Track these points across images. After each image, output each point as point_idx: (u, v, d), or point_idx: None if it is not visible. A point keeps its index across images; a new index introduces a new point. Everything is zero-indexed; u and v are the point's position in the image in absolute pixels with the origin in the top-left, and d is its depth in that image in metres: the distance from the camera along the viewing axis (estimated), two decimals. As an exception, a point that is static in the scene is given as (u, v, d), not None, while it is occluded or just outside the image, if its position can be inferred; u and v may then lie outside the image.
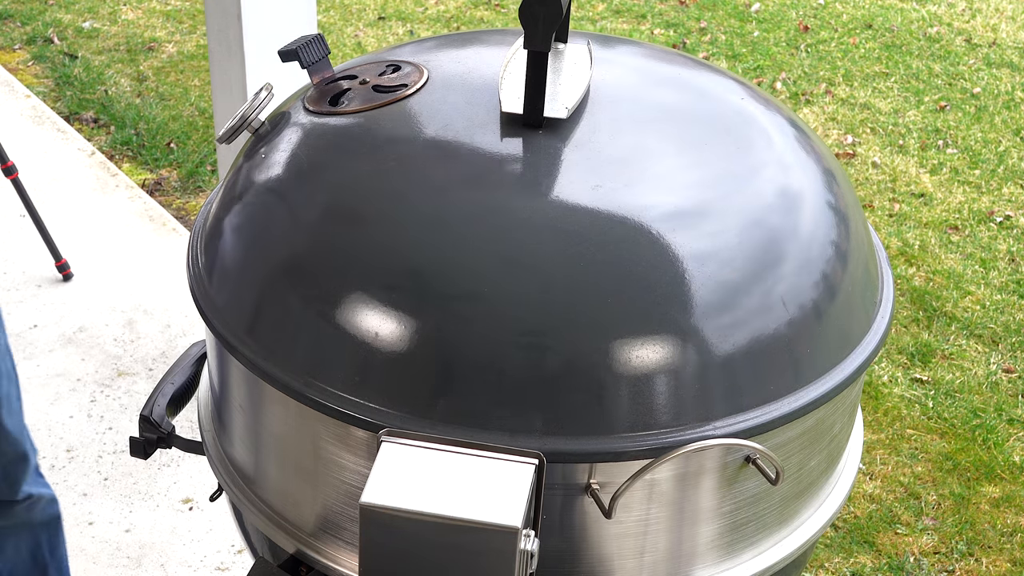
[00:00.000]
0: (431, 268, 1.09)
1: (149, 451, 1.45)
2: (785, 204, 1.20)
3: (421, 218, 1.12)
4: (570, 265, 1.07)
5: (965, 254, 4.09)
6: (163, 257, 3.74)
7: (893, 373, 3.45)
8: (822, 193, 1.24)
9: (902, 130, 4.95)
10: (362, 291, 1.09)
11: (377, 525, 1.00)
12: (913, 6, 6.23)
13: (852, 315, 1.20)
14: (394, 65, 1.32)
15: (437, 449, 1.04)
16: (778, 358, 1.11)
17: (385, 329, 1.07)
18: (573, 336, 1.05)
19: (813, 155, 1.28)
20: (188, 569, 2.63)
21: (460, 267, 1.08)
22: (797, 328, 1.12)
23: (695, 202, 1.16)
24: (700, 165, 1.20)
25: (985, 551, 2.84)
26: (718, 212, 1.15)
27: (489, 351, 1.04)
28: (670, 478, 1.10)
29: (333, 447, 1.14)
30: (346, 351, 1.09)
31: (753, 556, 1.22)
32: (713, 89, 1.35)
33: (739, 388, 1.09)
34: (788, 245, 1.16)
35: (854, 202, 1.28)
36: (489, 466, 1.02)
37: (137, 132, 4.61)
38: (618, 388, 1.05)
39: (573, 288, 1.07)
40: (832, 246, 1.20)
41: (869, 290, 1.25)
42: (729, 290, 1.10)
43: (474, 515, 0.98)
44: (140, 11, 5.72)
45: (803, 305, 1.14)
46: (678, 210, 1.14)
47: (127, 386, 3.16)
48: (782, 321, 1.11)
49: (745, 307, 1.10)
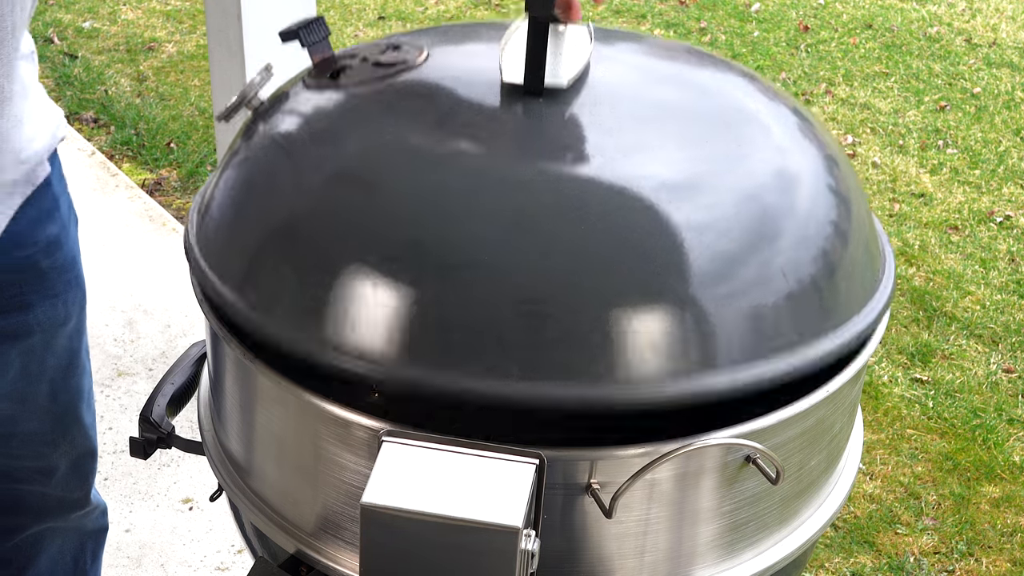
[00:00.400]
0: (430, 237, 1.09)
1: (149, 451, 1.45)
2: (783, 183, 1.19)
3: (419, 187, 1.12)
4: (571, 231, 1.07)
5: (965, 254, 4.09)
6: (163, 257, 3.74)
7: (893, 373, 3.45)
8: (825, 175, 1.24)
9: (902, 130, 4.95)
10: (360, 260, 1.08)
11: (378, 525, 1.00)
12: (913, 6, 6.23)
13: (852, 285, 1.20)
14: (394, 45, 1.32)
15: (438, 449, 1.04)
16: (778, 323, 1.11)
17: (385, 297, 1.06)
18: (574, 303, 1.04)
19: (817, 141, 1.28)
20: (188, 569, 2.63)
21: (459, 235, 1.08)
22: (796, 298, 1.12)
23: (692, 175, 1.15)
24: (701, 142, 1.20)
25: (985, 551, 2.84)
26: (714, 187, 1.15)
27: (488, 316, 1.04)
28: (671, 477, 1.10)
29: (333, 446, 1.14)
30: (346, 316, 1.08)
31: (754, 556, 1.22)
32: (719, 71, 1.35)
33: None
34: (786, 220, 1.16)
35: (858, 189, 1.28)
36: (490, 466, 1.02)
37: (137, 132, 4.61)
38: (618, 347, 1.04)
39: (575, 254, 1.06)
40: (833, 225, 1.20)
41: (870, 271, 1.24)
42: (727, 260, 1.09)
43: (475, 515, 0.98)
44: (140, 11, 5.72)
45: (802, 279, 1.13)
46: (675, 183, 1.14)
47: (127, 386, 3.16)
48: (781, 294, 1.11)
49: (743, 277, 1.10)
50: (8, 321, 1.64)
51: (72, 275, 1.72)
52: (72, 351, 1.78)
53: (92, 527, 2.01)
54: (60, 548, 1.96)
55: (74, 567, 2.01)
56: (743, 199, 1.14)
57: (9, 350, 1.66)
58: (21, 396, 1.72)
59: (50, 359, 1.73)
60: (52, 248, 1.66)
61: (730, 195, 1.14)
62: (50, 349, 1.72)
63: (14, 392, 1.70)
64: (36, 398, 1.74)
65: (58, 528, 1.93)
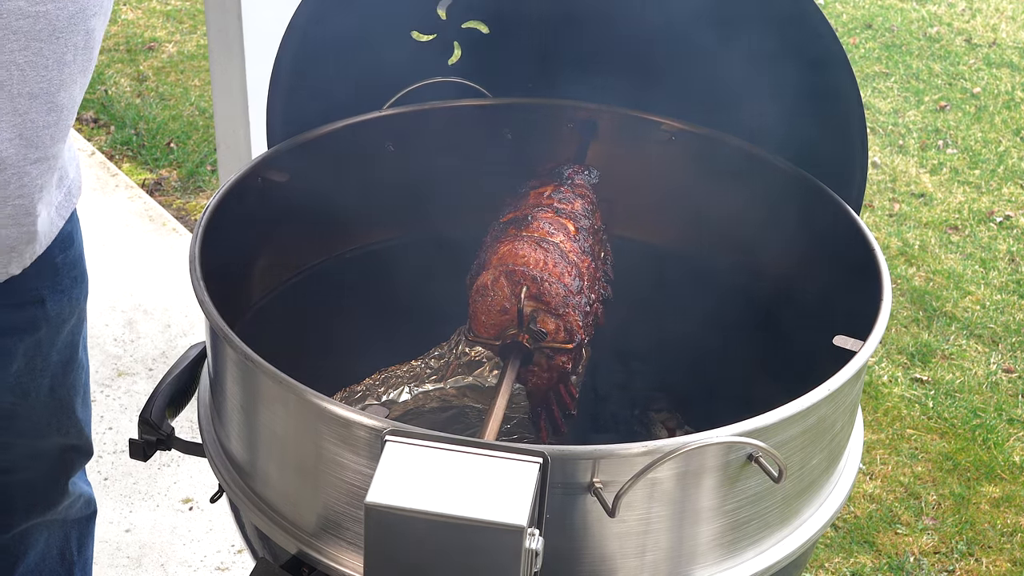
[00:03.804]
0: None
1: (149, 453, 1.45)
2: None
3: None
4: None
5: (965, 254, 4.09)
6: (163, 257, 3.73)
7: (893, 373, 3.45)
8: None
9: (902, 130, 4.95)
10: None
11: (382, 525, 1.00)
12: (913, 6, 6.23)
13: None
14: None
15: (441, 448, 1.04)
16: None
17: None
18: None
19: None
20: (188, 569, 2.63)
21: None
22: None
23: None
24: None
25: (985, 551, 2.84)
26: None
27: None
28: (673, 476, 1.10)
29: (335, 446, 1.14)
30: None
31: (755, 555, 1.22)
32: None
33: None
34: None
35: None
36: (494, 465, 1.02)
37: (137, 132, 4.61)
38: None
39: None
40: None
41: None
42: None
43: (480, 514, 0.97)
44: (140, 11, 5.72)
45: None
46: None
47: (127, 386, 3.16)
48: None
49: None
50: (23, 315, 1.66)
51: (79, 270, 1.75)
52: (73, 346, 1.79)
53: (76, 516, 2.01)
54: (47, 542, 1.97)
55: (60, 560, 2.01)
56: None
57: (17, 344, 1.67)
58: (24, 390, 1.73)
59: (53, 355, 1.75)
60: (66, 243, 1.69)
61: None
62: (54, 345, 1.74)
63: (17, 386, 1.71)
64: (38, 392, 1.75)
65: (43, 523, 1.94)
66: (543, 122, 1.84)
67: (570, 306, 1.42)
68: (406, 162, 1.79)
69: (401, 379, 1.94)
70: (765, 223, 1.65)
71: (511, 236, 1.49)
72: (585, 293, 1.47)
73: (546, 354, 1.45)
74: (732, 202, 1.71)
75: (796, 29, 1.49)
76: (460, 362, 1.97)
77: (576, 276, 1.46)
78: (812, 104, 1.53)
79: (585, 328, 1.46)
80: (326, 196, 1.69)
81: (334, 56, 1.66)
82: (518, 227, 1.51)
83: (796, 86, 1.52)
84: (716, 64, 1.63)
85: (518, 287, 1.41)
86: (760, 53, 1.53)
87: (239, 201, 1.53)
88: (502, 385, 1.35)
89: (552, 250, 1.45)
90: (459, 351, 1.98)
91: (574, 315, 1.42)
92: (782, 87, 1.53)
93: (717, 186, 1.74)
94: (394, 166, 1.79)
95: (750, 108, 1.65)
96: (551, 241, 1.47)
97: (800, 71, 1.50)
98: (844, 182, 1.57)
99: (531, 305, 1.42)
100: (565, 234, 1.51)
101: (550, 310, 1.42)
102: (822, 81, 1.50)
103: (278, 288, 1.73)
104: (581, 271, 1.48)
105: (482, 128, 1.82)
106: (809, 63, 1.49)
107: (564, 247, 1.48)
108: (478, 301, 1.43)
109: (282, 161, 1.63)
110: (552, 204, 1.58)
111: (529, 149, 1.82)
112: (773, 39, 1.51)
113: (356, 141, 1.73)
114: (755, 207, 1.68)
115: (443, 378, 1.96)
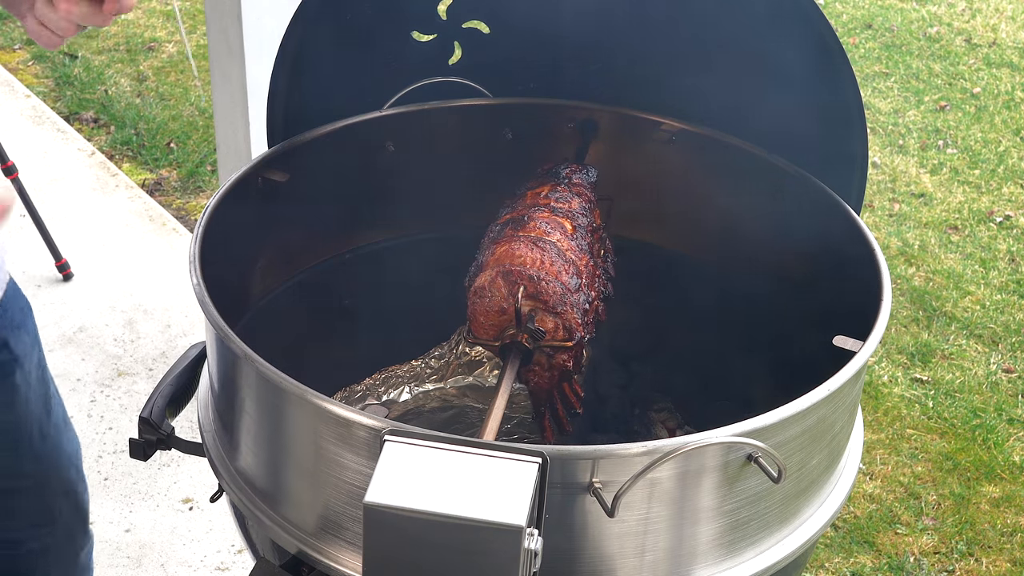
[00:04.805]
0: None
1: (149, 453, 1.45)
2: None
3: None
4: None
5: (965, 254, 4.09)
6: (163, 257, 3.73)
7: (893, 373, 3.45)
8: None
9: (902, 130, 4.95)
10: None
11: (381, 525, 1.00)
12: (913, 6, 6.23)
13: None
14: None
15: (440, 448, 1.04)
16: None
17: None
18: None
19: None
20: (188, 569, 2.63)
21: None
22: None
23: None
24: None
25: (985, 551, 2.84)
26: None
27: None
28: (672, 476, 1.10)
29: (335, 446, 1.14)
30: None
31: (755, 555, 1.22)
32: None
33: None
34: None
35: None
36: (493, 465, 1.02)
37: (137, 132, 4.61)
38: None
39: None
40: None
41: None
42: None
43: (479, 514, 0.97)
44: (140, 11, 5.72)
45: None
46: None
47: (127, 386, 3.16)
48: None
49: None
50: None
51: (23, 301, 1.72)
52: (45, 382, 1.78)
53: (84, 562, 2.00)
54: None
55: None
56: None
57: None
58: (13, 443, 1.71)
59: (32, 396, 1.72)
60: (2, 281, 1.65)
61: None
62: (30, 386, 1.71)
63: (7, 443, 1.69)
64: (30, 442, 1.73)
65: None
66: (543, 122, 1.84)
67: (568, 304, 1.42)
68: (406, 162, 1.79)
69: (401, 379, 1.95)
70: (765, 223, 1.66)
71: (508, 237, 1.49)
72: (584, 291, 1.47)
73: (546, 353, 1.45)
74: (732, 202, 1.71)
75: (796, 29, 1.49)
76: (460, 362, 1.97)
77: (574, 274, 1.46)
78: (812, 104, 1.53)
79: (585, 325, 1.46)
80: (326, 196, 1.69)
81: (334, 56, 1.66)
82: (515, 227, 1.51)
83: (796, 86, 1.52)
84: (716, 64, 1.64)
85: (515, 287, 1.41)
86: (760, 53, 1.53)
87: (239, 201, 1.53)
88: (502, 385, 1.35)
89: (549, 249, 1.45)
90: (459, 351, 1.98)
91: (572, 313, 1.42)
92: (782, 87, 1.53)
93: (717, 186, 1.75)
94: (394, 166, 1.79)
95: (750, 108, 1.65)
96: (548, 240, 1.47)
97: (800, 71, 1.50)
98: (844, 182, 1.57)
99: (529, 304, 1.42)
100: (562, 232, 1.51)
101: (548, 308, 1.42)
102: (822, 81, 1.50)
103: (278, 288, 1.73)
104: (579, 269, 1.48)
105: (482, 128, 1.83)
106: (809, 63, 1.49)
107: (561, 245, 1.48)
108: (476, 302, 1.43)
109: (282, 161, 1.63)
110: (549, 204, 1.58)
111: (529, 149, 1.83)
112: (773, 39, 1.51)
113: (356, 141, 1.73)
114: (755, 207, 1.68)
115: (443, 378, 1.96)
